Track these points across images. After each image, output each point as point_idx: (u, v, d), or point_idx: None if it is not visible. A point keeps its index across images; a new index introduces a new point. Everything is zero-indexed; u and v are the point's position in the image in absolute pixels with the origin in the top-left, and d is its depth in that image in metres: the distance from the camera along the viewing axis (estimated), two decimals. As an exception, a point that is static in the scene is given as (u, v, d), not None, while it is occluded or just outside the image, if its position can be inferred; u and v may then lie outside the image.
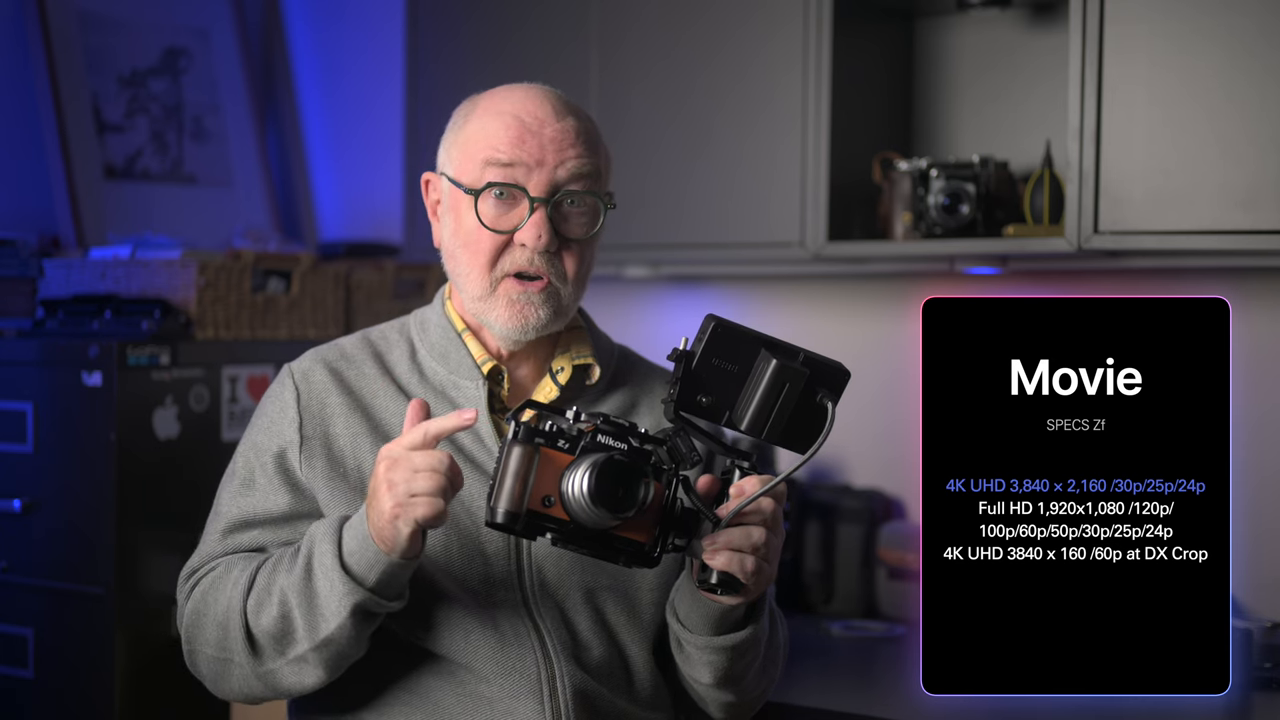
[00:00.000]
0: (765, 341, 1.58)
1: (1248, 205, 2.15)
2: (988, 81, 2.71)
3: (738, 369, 1.57)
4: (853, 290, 2.93)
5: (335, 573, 1.57)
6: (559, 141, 1.71)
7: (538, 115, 1.72)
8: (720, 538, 1.56)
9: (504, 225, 1.70)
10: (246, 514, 1.73)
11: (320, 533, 1.61)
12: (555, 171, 1.70)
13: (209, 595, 1.69)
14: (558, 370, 1.78)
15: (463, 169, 1.73)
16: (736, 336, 1.57)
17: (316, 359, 1.80)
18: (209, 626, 1.68)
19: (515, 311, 1.71)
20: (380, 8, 3.43)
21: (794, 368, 1.56)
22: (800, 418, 1.58)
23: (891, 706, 2.15)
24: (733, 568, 1.56)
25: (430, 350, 1.79)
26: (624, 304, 3.14)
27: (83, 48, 3.05)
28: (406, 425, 1.55)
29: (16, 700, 2.59)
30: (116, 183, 3.07)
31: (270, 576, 1.64)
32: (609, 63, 2.79)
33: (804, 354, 1.58)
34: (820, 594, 2.75)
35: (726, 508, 1.57)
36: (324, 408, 1.75)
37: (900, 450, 2.84)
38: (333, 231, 3.53)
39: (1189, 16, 2.20)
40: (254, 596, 1.64)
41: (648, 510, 1.54)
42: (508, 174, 1.69)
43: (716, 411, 1.58)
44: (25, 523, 2.58)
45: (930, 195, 2.47)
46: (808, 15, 2.55)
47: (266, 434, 1.76)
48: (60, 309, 2.66)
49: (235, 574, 1.67)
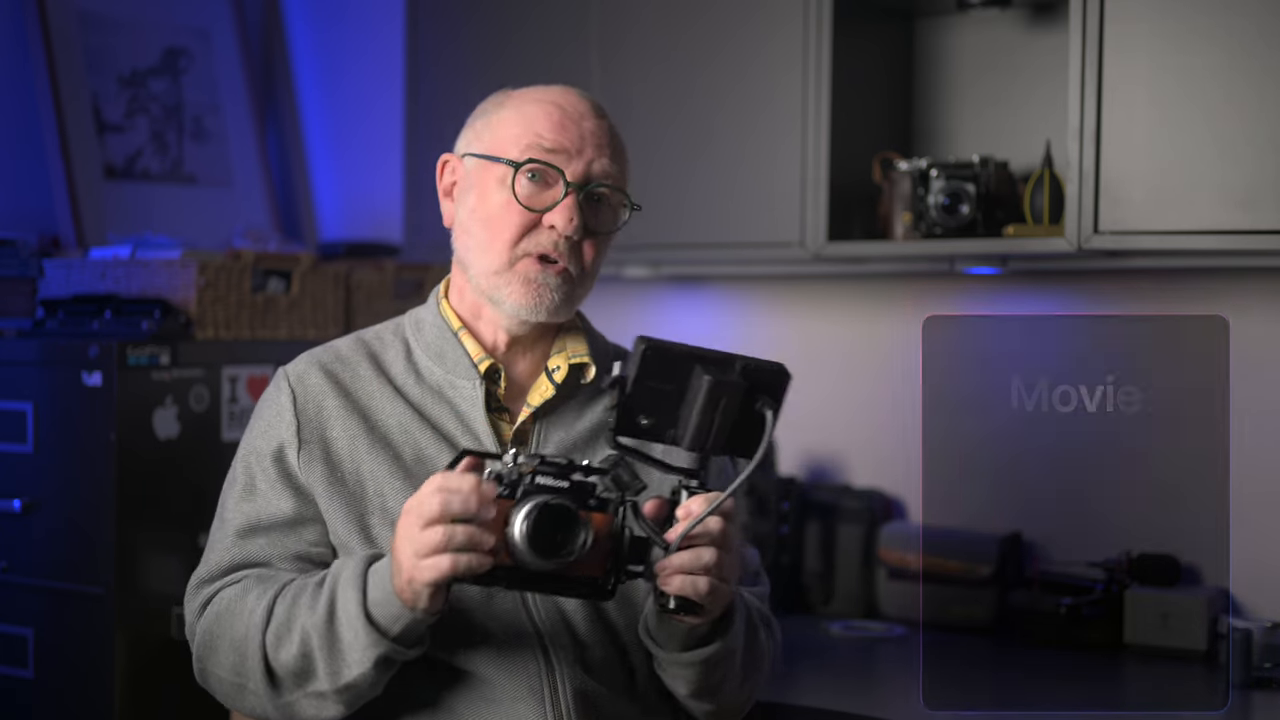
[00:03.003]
0: (699, 357, 1.57)
1: (1247, 205, 2.15)
2: (988, 81, 2.71)
3: (674, 388, 1.56)
4: (853, 290, 2.93)
5: (359, 622, 1.55)
6: (598, 137, 1.75)
7: (579, 108, 1.76)
8: (671, 562, 1.55)
9: (536, 204, 1.72)
10: (252, 519, 1.73)
11: (345, 576, 1.59)
12: (592, 165, 1.74)
13: (224, 619, 1.68)
14: (554, 369, 1.78)
15: (499, 148, 1.74)
16: (670, 356, 1.56)
17: (311, 362, 1.79)
18: (224, 650, 1.67)
19: (531, 290, 1.72)
20: (380, 8, 3.43)
21: (728, 382, 1.55)
22: (742, 428, 1.58)
23: (891, 707, 2.15)
24: (686, 590, 1.55)
25: (426, 350, 1.79)
26: (624, 304, 3.14)
27: (83, 48, 3.05)
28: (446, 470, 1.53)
29: (16, 700, 2.59)
30: (116, 183, 3.07)
31: (290, 611, 1.62)
32: (609, 63, 2.79)
33: (741, 363, 1.57)
34: (820, 594, 2.75)
35: (675, 531, 1.56)
36: (320, 411, 1.74)
37: (900, 450, 2.85)
38: (333, 231, 3.53)
39: (1189, 16, 2.20)
40: (273, 630, 1.63)
41: (598, 542, 1.54)
42: (548, 157, 1.72)
43: (658, 431, 1.57)
44: (25, 523, 2.58)
45: (930, 195, 2.47)
46: (808, 15, 2.55)
47: (264, 438, 1.75)
48: (60, 309, 2.66)
49: (251, 601, 1.66)
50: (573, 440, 1.77)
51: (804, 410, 2.94)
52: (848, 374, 2.88)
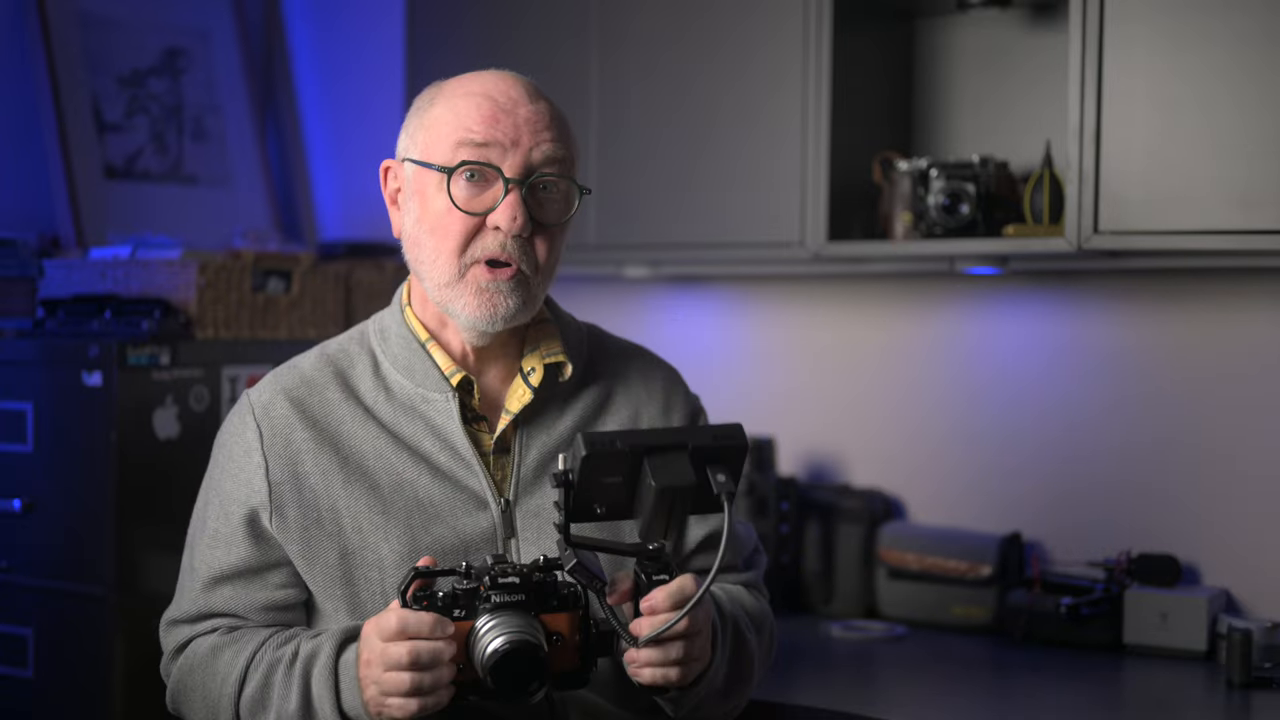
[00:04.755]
0: (646, 449, 1.52)
1: (1247, 205, 2.15)
2: (988, 81, 2.71)
3: (624, 479, 1.52)
4: (853, 290, 2.93)
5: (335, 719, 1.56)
6: (534, 123, 1.66)
7: (511, 96, 1.67)
8: (640, 656, 1.54)
9: (476, 207, 1.64)
10: (219, 570, 1.71)
11: (318, 670, 1.58)
12: (530, 154, 1.65)
13: (196, 673, 1.69)
14: (529, 371, 1.73)
15: (431, 150, 1.67)
16: (613, 455, 1.51)
17: (276, 390, 1.72)
18: (196, 703, 1.69)
19: (484, 300, 1.65)
20: (380, 8, 3.43)
21: (678, 487, 1.50)
22: (702, 506, 1.54)
23: (891, 707, 2.15)
24: (658, 681, 1.55)
25: (394, 363, 1.73)
26: (624, 304, 3.14)
27: (83, 48, 3.05)
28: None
29: (16, 700, 2.59)
30: (116, 183, 3.07)
31: (265, 689, 1.62)
32: (609, 63, 2.79)
33: (693, 441, 1.52)
34: (820, 594, 2.75)
35: (641, 627, 1.54)
36: (289, 445, 1.69)
37: (900, 450, 2.85)
38: (333, 231, 3.53)
39: (1189, 16, 2.20)
40: (245, 701, 1.63)
41: (565, 640, 1.54)
42: (481, 154, 1.64)
43: (617, 514, 1.54)
44: (25, 523, 2.58)
45: (930, 195, 2.47)
46: (808, 15, 2.55)
47: (234, 482, 1.70)
48: (60, 309, 2.66)
49: (223, 665, 1.66)
50: (555, 443, 1.73)
51: (804, 410, 2.95)
52: (848, 374, 2.88)
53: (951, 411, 2.79)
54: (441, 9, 3.04)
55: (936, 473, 2.81)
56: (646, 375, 1.84)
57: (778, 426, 2.87)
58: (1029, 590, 2.54)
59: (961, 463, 2.77)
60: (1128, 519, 2.59)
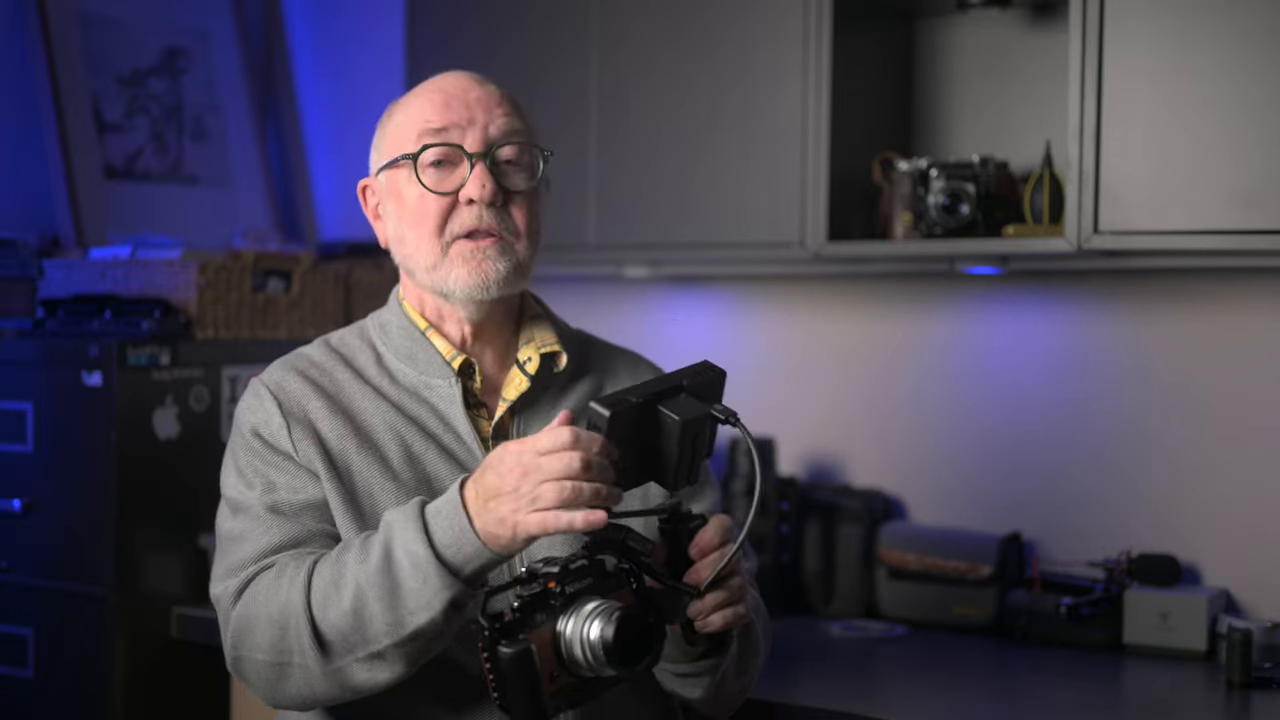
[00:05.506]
0: (654, 398, 1.53)
1: (1248, 205, 2.15)
2: (988, 81, 2.71)
3: (641, 436, 1.53)
4: (853, 290, 2.93)
5: (430, 566, 1.50)
6: (485, 102, 1.74)
7: (461, 84, 1.76)
8: (706, 603, 1.55)
9: (447, 187, 1.72)
10: (271, 503, 1.68)
11: (399, 523, 1.54)
12: (488, 129, 1.73)
13: (260, 597, 1.61)
14: (525, 360, 1.78)
15: (396, 150, 1.75)
16: (631, 412, 1.51)
17: (286, 369, 1.76)
18: (261, 630, 1.60)
19: (473, 268, 1.71)
20: (380, 8, 3.43)
21: (699, 418, 1.53)
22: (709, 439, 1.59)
23: (891, 707, 2.15)
24: (729, 623, 1.57)
25: (395, 353, 1.78)
26: (624, 304, 3.14)
27: (82, 48, 3.05)
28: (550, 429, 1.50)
29: (16, 700, 2.59)
30: (116, 183, 3.07)
31: (337, 569, 1.56)
32: (609, 63, 2.79)
33: (683, 380, 1.55)
34: (820, 594, 2.75)
35: (699, 573, 1.54)
36: (305, 412, 1.71)
37: (900, 450, 2.85)
38: (333, 231, 3.53)
39: (1189, 16, 2.20)
40: (318, 592, 1.56)
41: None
42: (442, 138, 1.72)
43: (639, 480, 1.55)
44: (25, 523, 2.58)
45: (930, 195, 2.47)
46: (808, 15, 2.55)
47: (260, 441, 1.70)
48: (60, 309, 2.66)
49: (290, 573, 1.60)
50: None
51: (804, 410, 2.95)
52: (848, 374, 2.89)
53: (951, 411, 2.79)
54: (441, 9, 3.04)
55: (936, 473, 2.81)
56: (635, 370, 1.91)
57: (778, 426, 2.87)
58: (1029, 590, 2.54)
59: (961, 463, 2.77)
60: (1128, 519, 2.59)
